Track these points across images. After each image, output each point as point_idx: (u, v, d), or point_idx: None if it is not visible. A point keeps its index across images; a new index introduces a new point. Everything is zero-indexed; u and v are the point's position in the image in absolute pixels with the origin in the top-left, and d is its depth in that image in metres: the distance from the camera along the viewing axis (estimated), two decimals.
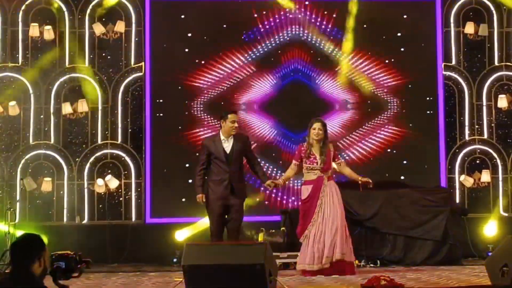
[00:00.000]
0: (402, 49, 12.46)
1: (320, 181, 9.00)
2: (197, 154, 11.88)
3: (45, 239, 11.08)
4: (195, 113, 12.23)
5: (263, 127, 12.29)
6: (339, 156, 9.51)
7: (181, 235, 11.75)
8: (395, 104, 12.41)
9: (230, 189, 8.77)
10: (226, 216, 8.81)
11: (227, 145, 8.87)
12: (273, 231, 10.82)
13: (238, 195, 8.82)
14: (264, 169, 9.97)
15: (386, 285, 6.96)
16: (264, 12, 12.35)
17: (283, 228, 10.79)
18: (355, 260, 9.24)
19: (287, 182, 10.01)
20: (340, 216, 8.93)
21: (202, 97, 12.27)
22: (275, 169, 12.05)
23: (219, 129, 9.06)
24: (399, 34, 12.43)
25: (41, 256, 4.23)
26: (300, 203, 9.28)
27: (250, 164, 9.14)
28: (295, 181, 11.65)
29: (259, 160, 9.48)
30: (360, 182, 9.14)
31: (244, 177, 9.15)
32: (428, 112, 12.43)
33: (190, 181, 11.84)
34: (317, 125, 9.07)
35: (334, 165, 9.22)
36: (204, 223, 11.71)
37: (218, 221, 8.79)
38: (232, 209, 8.80)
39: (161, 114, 12.22)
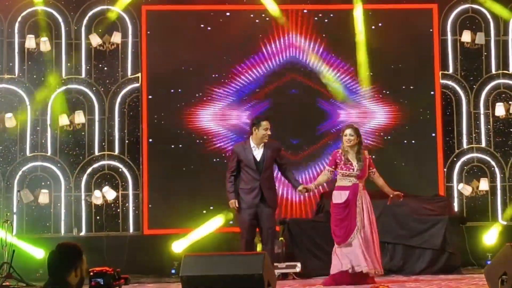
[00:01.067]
0: (399, 58, 12.43)
1: (356, 188, 8.91)
2: (192, 166, 12.08)
3: (43, 251, 11.10)
4: (193, 124, 12.20)
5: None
6: (374, 165, 9.32)
7: (179, 246, 11.68)
8: (392, 112, 12.38)
9: (260, 198, 8.71)
10: (256, 226, 8.79)
11: (257, 153, 8.81)
12: None
13: (268, 204, 8.77)
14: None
15: None
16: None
17: (282, 238, 10.73)
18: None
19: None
20: (374, 227, 8.93)
21: (200, 108, 12.24)
22: None
23: (250, 135, 8.97)
24: (395, 42, 12.41)
25: (78, 266, 4.23)
26: (332, 207, 9.08)
27: (281, 170, 9.09)
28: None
29: (290, 167, 9.43)
30: (391, 195, 9.14)
31: (275, 185, 9.10)
32: (425, 120, 12.40)
33: (187, 190, 11.91)
34: (348, 131, 8.99)
35: (376, 176, 9.17)
36: (202, 233, 11.73)
37: (248, 231, 8.74)
38: (263, 217, 8.74)
39: (158, 125, 12.18)
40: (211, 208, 11.89)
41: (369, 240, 8.80)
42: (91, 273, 7.73)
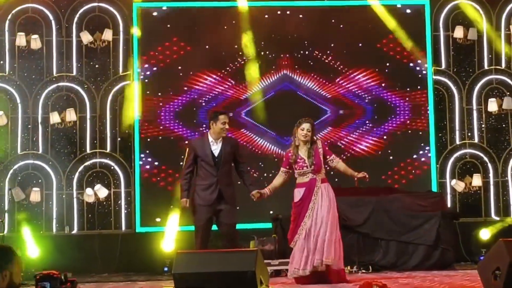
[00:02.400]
0: (392, 54, 12.42)
1: (313, 183, 8.64)
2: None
3: (37, 250, 11.00)
4: (185, 121, 12.17)
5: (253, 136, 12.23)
6: (331, 152, 8.95)
7: (171, 244, 11.63)
8: (384, 109, 12.37)
9: (218, 194, 8.48)
10: (212, 223, 8.55)
11: (216, 148, 8.56)
12: (264, 238, 10.73)
13: (227, 201, 8.53)
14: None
15: None
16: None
17: (275, 235, 10.71)
18: (344, 267, 8.84)
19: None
20: (331, 219, 8.57)
21: (192, 105, 12.20)
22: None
23: (208, 130, 8.76)
24: (388, 39, 12.40)
25: (6, 269, 3.92)
26: (292, 206, 8.84)
27: (238, 171, 8.83)
28: None
29: (248, 168, 9.19)
30: (356, 178, 8.84)
31: (233, 182, 8.79)
32: (418, 116, 12.39)
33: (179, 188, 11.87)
34: (306, 126, 8.65)
35: (335, 163, 8.85)
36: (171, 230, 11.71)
37: (204, 228, 8.48)
38: (221, 215, 8.50)
39: (150, 123, 12.15)
40: None
41: (319, 237, 8.51)
42: (37, 277, 7.65)
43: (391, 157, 12.29)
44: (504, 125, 12.60)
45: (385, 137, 12.33)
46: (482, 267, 6.91)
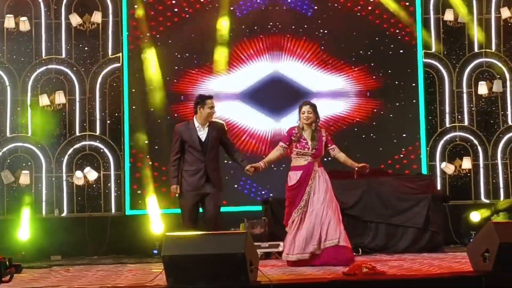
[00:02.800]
0: (381, 37, 12.39)
1: (311, 167, 8.67)
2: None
3: (26, 232, 10.96)
4: (175, 104, 12.12)
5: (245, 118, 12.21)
6: (333, 141, 8.99)
7: (161, 226, 11.62)
8: (375, 92, 12.35)
9: (205, 179, 8.45)
10: (200, 208, 8.54)
11: (202, 133, 8.52)
12: (254, 221, 10.73)
13: (213, 185, 8.51)
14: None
15: (368, 272, 6.90)
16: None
17: (264, 218, 10.71)
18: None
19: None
20: (330, 201, 8.66)
21: (183, 89, 12.15)
22: None
23: (194, 115, 8.67)
24: (377, 22, 12.37)
25: None
26: (286, 190, 8.87)
27: (228, 152, 8.82)
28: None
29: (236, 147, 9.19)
30: (356, 168, 8.83)
31: (219, 167, 8.75)
32: (408, 100, 12.38)
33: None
34: (305, 108, 8.72)
35: (335, 152, 8.88)
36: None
37: (191, 212, 8.48)
38: (207, 199, 8.49)
39: (139, 105, 12.10)
40: None
41: (317, 219, 8.56)
42: None
43: (381, 140, 12.28)
44: (494, 108, 12.60)
45: (374, 121, 12.30)
46: (471, 249, 6.93)
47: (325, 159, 9.39)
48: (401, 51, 12.46)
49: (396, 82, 12.37)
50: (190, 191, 8.50)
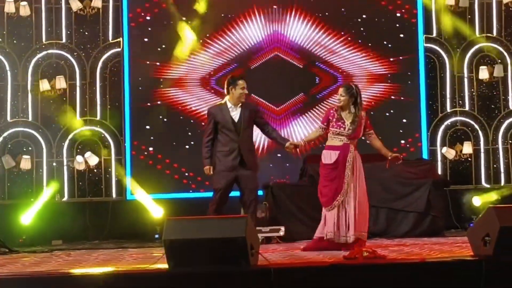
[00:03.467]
0: (383, 21, 12.36)
1: (347, 148, 8.54)
2: (175, 131, 11.99)
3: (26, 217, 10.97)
4: (175, 88, 12.10)
5: None
6: (371, 126, 8.87)
7: (162, 211, 11.63)
8: (376, 77, 12.33)
9: (239, 160, 8.49)
10: (231, 189, 8.58)
11: (235, 114, 8.55)
12: None
13: (248, 166, 8.53)
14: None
15: (369, 256, 6.93)
16: None
17: (265, 202, 10.71)
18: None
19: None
20: (364, 191, 8.63)
21: (182, 72, 12.13)
22: None
23: (226, 96, 8.68)
24: (378, 7, 12.33)
25: None
26: (322, 167, 8.66)
27: (264, 132, 8.84)
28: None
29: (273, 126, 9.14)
30: (389, 158, 8.76)
31: (254, 147, 8.84)
32: (409, 84, 12.36)
33: (170, 156, 11.89)
34: (340, 90, 8.63)
35: (372, 138, 8.82)
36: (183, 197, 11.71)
37: (222, 194, 8.51)
38: (243, 182, 8.52)
39: (140, 90, 12.09)
40: (193, 173, 11.89)
41: (352, 205, 8.52)
42: None
43: (381, 125, 12.27)
44: (495, 93, 12.59)
45: (375, 105, 12.29)
46: (472, 233, 6.93)
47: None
48: (401, 35, 12.42)
49: (397, 67, 12.33)
50: (225, 171, 8.52)
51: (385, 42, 12.35)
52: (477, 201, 11.93)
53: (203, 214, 8.79)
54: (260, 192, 11.10)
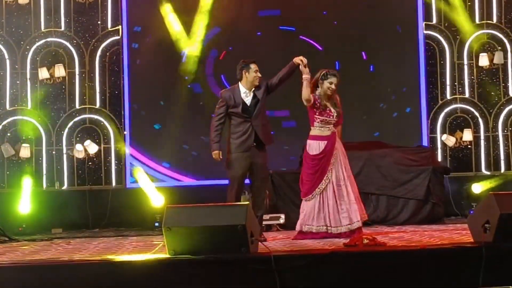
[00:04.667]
0: (382, 8, 12.33)
1: (334, 137, 8.51)
2: (174, 118, 11.99)
3: (26, 206, 10.97)
4: (174, 75, 12.08)
5: None
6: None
7: (158, 200, 11.63)
8: (375, 64, 12.30)
9: (254, 138, 8.31)
10: (246, 176, 8.46)
11: (249, 98, 8.40)
12: None
13: (262, 148, 8.37)
14: None
15: (369, 243, 6.92)
16: None
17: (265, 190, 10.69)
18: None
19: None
20: (352, 177, 8.60)
21: (181, 59, 12.12)
22: None
23: (239, 80, 8.48)
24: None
25: None
26: (307, 158, 8.59)
27: (278, 80, 8.42)
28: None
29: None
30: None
31: (268, 121, 8.57)
32: (409, 71, 12.34)
33: (169, 143, 11.90)
34: (334, 80, 8.47)
35: None
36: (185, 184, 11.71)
37: (241, 181, 8.40)
38: (255, 169, 8.39)
39: (140, 78, 12.08)
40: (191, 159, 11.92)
41: (340, 193, 8.46)
42: None
43: (381, 113, 12.27)
44: (495, 80, 12.55)
45: (375, 94, 12.28)
46: (472, 220, 6.92)
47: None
48: (401, 22, 12.39)
49: (397, 54, 12.31)
50: (240, 153, 8.36)
51: (384, 29, 12.30)
52: (477, 188, 11.92)
53: (203, 201, 8.77)
54: None
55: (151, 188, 11.59)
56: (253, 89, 8.47)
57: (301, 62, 8.32)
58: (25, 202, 11.41)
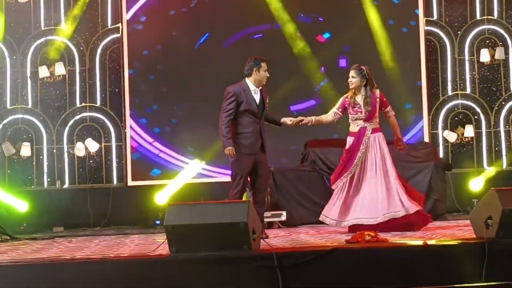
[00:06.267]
0: (383, 3, 12.31)
1: (363, 132, 8.62)
2: (175, 116, 11.97)
3: (26, 204, 11.01)
4: (175, 72, 12.07)
5: None
6: (388, 103, 8.94)
7: (161, 198, 11.62)
8: (376, 61, 12.27)
9: (261, 143, 8.32)
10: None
11: (257, 96, 8.32)
12: None
13: (264, 150, 8.38)
14: None
15: (371, 240, 6.90)
16: None
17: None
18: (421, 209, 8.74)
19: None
20: (386, 171, 8.64)
21: (181, 56, 12.09)
22: None
23: (246, 76, 8.38)
24: None
25: None
26: (343, 152, 8.81)
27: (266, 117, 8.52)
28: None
29: None
30: (397, 139, 8.99)
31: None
32: (410, 68, 12.31)
33: (170, 141, 11.88)
34: (350, 73, 8.70)
35: (390, 115, 8.86)
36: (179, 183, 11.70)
37: (245, 179, 8.33)
38: (260, 166, 8.36)
39: (140, 76, 12.06)
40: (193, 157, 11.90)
41: (369, 186, 8.56)
42: None
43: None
44: (496, 76, 12.53)
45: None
46: (474, 216, 6.90)
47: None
48: (402, 18, 12.37)
49: (397, 50, 12.28)
50: (248, 155, 8.30)
51: (385, 25, 12.27)
52: (478, 184, 11.90)
53: (204, 199, 8.78)
54: None
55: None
56: (260, 88, 8.43)
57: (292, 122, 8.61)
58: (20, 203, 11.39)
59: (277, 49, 11.87)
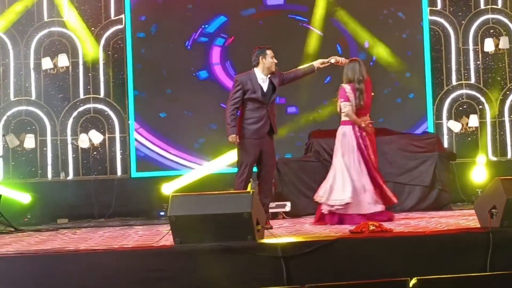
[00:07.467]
0: None
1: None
2: (178, 108, 11.95)
3: (30, 196, 11.00)
4: (178, 64, 12.05)
5: None
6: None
7: (168, 188, 11.62)
8: (381, 51, 12.25)
9: (269, 127, 8.36)
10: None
11: (265, 84, 8.40)
12: None
13: (271, 136, 8.43)
14: None
15: (375, 230, 6.90)
16: None
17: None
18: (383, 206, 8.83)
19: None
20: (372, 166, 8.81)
21: (185, 47, 12.07)
22: None
23: (254, 67, 8.47)
24: None
25: None
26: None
27: (294, 76, 8.63)
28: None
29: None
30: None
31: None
32: (414, 57, 12.28)
33: (174, 132, 11.87)
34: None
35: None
36: (188, 175, 11.69)
37: (251, 167, 8.38)
38: (265, 156, 8.41)
39: (143, 67, 12.05)
40: (198, 147, 11.89)
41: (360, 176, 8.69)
42: None
43: (386, 99, 12.22)
44: (500, 65, 12.50)
45: (380, 81, 12.22)
46: (478, 205, 6.90)
47: None
48: (406, 8, 12.33)
49: (402, 40, 12.25)
50: (254, 139, 8.37)
51: (389, 17, 12.24)
52: (482, 174, 11.88)
53: (207, 190, 8.76)
54: None
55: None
56: (269, 75, 8.44)
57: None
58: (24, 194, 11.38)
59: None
